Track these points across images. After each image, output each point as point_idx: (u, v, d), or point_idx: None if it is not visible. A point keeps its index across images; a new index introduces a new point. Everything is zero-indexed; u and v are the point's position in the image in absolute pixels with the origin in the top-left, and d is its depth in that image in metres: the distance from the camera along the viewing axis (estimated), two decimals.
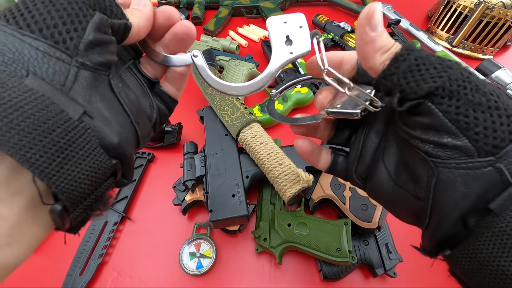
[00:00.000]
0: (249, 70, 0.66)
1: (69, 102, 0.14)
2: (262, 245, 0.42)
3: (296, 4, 0.93)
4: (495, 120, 0.14)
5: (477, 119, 0.14)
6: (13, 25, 0.14)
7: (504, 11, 0.66)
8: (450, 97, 0.15)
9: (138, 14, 0.19)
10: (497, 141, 0.14)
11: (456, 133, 0.15)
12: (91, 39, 0.15)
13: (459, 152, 0.15)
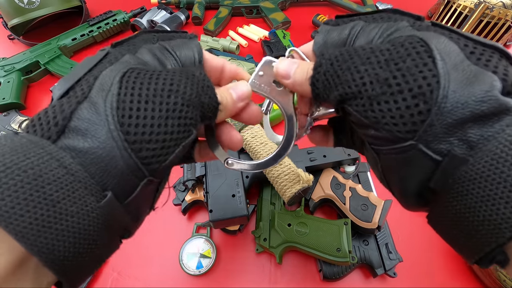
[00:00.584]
0: (249, 70, 0.66)
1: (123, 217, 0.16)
2: (262, 245, 0.42)
3: (296, 4, 0.93)
4: (400, 105, 0.14)
5: (382, 111, 0.15)
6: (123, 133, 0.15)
7: (504, 11, 0.66)
8: (355, 98, 0.16)
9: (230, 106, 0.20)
10: (407, 126, 0.14)
11: (373, 126, 0.16)
12: (169, 164, 0.17)
13: (385, 140, 0.16)
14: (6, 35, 0.84)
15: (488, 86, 0.14)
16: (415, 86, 0.14)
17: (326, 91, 0.17)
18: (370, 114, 0.15)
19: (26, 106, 0.67)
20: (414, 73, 0.14)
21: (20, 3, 0.73)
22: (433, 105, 0.14)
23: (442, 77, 0.14)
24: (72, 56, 0.79)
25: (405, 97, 0.14)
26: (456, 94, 0.14)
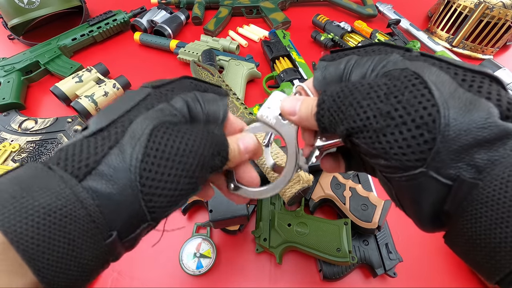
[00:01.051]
0: (249, 70, 0.66)
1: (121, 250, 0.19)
2: (262, 245, 0.42)
3: (296, 4, 0.93)
4: (406, 136, 0.15)
5: (389, 142, 0.16)
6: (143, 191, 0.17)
7: (504, 11, 0.66)
8: (361, 131, 0.17)
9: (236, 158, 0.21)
10: (416, 155, 0.15)
11: (383, 157, 0.16)
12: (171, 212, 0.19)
13: (396, 169, 0.16)
14: (6, 35, 0.84)
15: (485, 113, 0.15)
16: (417, 116, 0.15)
17: (332, 126, 0.19)
18: (377, 146, 0.16)
19: (26, 106, 0.67)
20: (413, 104, 0.15)
21: (20, 3, 0.73)
22: (437, 133, 0.15)
23: (441, 106, 0.15)
24: (72, 56, 0.79)
25: (410, 127, 0.15)
26: (457, 121, 0.15)
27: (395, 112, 0.16)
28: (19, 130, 0.60)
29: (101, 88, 0.62)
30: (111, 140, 0.17)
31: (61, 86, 0.62)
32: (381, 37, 0.72)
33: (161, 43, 0.76)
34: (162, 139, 0.17)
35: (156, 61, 0.77)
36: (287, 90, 0.61)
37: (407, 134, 0.15)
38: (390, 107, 0.16)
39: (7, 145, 0.56)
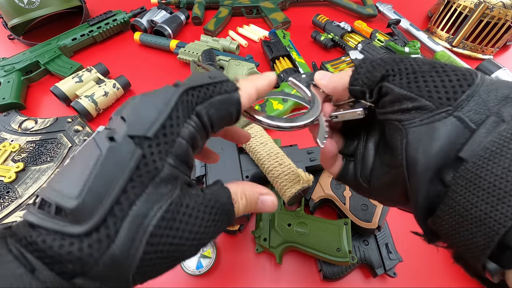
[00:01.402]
0: (249, 70, 0.66)
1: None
2: (262, 245, 0.42)
3: (296, 4, 0.93)
4: (443, 78, 0.16)
5: (426, 81, 0.17)
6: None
7: (504, 11, 0.66)
8: (400, 73, 0.18)
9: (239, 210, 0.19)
10: (449, 94, 0.16)
11: (413, 97, 0.17)
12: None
13: (421, 111, 0.17)
14: (6, 35, 0.84)
15: None
16: (457, 69, 0.17)
17: (368, 74, 0.19)
18: (413, 85, 0.17)
19: (26, 106, 0.67)
20: (456, 66, 0.17)
21: (20, 3, 0.73)
22: (473, 83, 0.16)
23: (479, 73, 0.17)
24: (72, 56, 0.79)
25: (449, 74, 0.16)
26: (491, 81, 0.16)
27: (438, 64, 0.17)
28: (19, 130, 0.60)
29: (101, 88, 0.62)
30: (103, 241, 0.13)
31: (61, 86, 0.62)
32: (381, 37, 0.72)
33: (161, 43, 0.76)
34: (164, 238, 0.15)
35: (156, 61, 0.77)
36: (287, 90, 0.61)
37: (445, 78, 0.16)
38: (434, 63, 0.17)
39: (7, 145, 0.56)
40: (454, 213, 0.15)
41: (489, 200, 0.14)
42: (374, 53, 0.69)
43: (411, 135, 0.17)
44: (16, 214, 0.48)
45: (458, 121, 0.15)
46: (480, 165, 0.14)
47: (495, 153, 0.14)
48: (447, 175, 0.16)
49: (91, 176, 0.14)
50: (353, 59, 0.69)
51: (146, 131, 0.15)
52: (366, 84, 0.19)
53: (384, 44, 0.70)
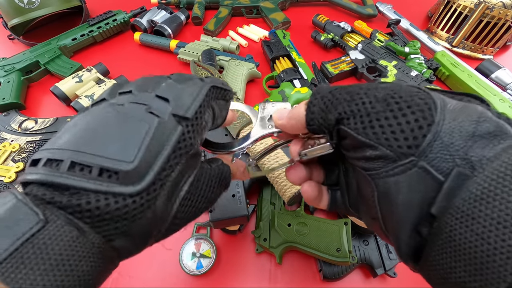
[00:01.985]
0: (249, 70, 0.66)
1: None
2: (262, 245, 0.42)
3: (296, 4, 0.93)
4: (399, 119, 0.15)
5: (382, 126, 0.15)
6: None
7: (504, 11, 0.66)
8: (354, 116, 0.16)
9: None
10: (409, 140, 0.14)
11: (373, 146, 0.15)
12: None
13: (383, 160, 0.15)
14: (6, 35, 0.84)
15: (480, 110, 0.15)
16: (413, 104, 0.15)
17: (322, 114, 0.18)
18: (369, 131, 0.15)
19: (26, 106, 0.67)
20: (411, 95, 0.15)
21: (20, 3, 0.73)
22: (433, 121, 0.14)
23: (437, 100, 0.15)
24: (72, 56, 0.79)
25: (405, 113, 0.15)
26: (453, 114, 0.14)
27: (392, 99, 0.15)
28: (19, 130, 0.60)
29: (101, 88, 0.63)
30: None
31: (61, 86, 0.62)
32: (381, 37, 0.72)
33: (161, 43, 0.76)
34: None
35: (156, 61, 0.77)
36: (287, 90, 0.61)
37: (402, 119, 0.15)
38: (387, 95, 0.16)
39: (7, 145, 0.56)
40: (435, 272, 0.14)
41: (466, 268, 0.12)
42: (374, 53, 0.69)
43: (380, 187, 0.16)
44: None
45: (424, 172, 0.14)
46: (453, 227, 0.13)
47: (467, 214, 0.13)
48: (423, 228, 0.15)
49: (143, 145, 0.15)
50: (353, 59, 0.69)
51: (185, 113, 0.18)
52: (323, 125, 0.18)
53: (384, 44, 0.70)
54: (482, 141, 0.14)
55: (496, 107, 0.57)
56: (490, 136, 0.14)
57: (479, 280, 0.12)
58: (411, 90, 0.16)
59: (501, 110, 0.57)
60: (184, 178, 0.18)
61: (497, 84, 0.64)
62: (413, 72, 0.64)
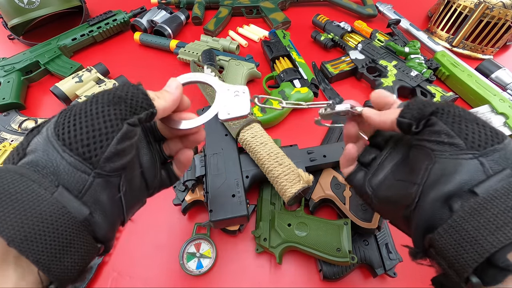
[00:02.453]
0: (249, 70, 0.66)
1: (80, 207, 0.18)
2: (262, 245, 0.42)
3: (296, 4, 0.93)
4: (481, 129, 0.20)
5: (467, 126, 0.20)
6: (60, 140, 0.19)
7: (504, 11, 0.66)
8: (448, 113, 0.21)
9: (167, 96, 0.24)
10: (481, 142, 0.20)
11: (451, 135, 0.20)
12: (109, 154, 0.19)
13: (454, 147, 0.20)
14: (6, 35, 0.84)
15: None
16: (494, 128, 0.20)
17: (419, 110, 0.22)
18: (456, 126, 0.21)
19: (26, 106, 0.67)
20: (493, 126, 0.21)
21: (20, 3, 0.73)
22: (503, 141, 0.20)
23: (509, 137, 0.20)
24: (72, 56, 0.79)
25: (486, 128, 0.20)
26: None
27: (481, 119, 0.21)
28: (19, 130, 0.60)
29: (101, 88, 0.63)
30: (34, 134, 0.20)
31: (61, 86, 0.62)
32: (381, 37, 0.72)
33: (161, 43, 0.76)
34: (70, 109, 0.20)
35: (156, 61, 0.77)
36: (287, 89, 0.61)
37: (482, 130, 0.20)
38: (478, 117, 0.21)
39: (7, 145, 0.56)
40: (455, 233, 0.18)
41: (488, 227, 0.17)
42: (374, 53, 0.69)
43: (438, 163, 0.20)
44: None
45: (480, 165, 0.19)
46: (489, 200, 0.18)
47: (503, 194, 0.17)
48: (455, 203, 0.19)
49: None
50: (353, 59, 0.69)
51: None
52: (416, 117, 0.22)
53: (384, 44, 0.70)
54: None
55: (496, 107, 0.57)
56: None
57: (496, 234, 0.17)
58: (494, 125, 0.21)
59: (501, 110, 0.57)
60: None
61: (497, 84, 0.64)
62: (413, 72, 0.64)
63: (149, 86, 0.22)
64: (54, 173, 0.18)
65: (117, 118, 0.20)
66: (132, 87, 0.22)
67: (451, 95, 0.60)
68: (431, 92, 0.60)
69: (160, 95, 0.23)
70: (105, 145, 0.19)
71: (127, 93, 0.21)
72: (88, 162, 0.19)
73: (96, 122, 0.19)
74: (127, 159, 0.21)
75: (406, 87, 0.63)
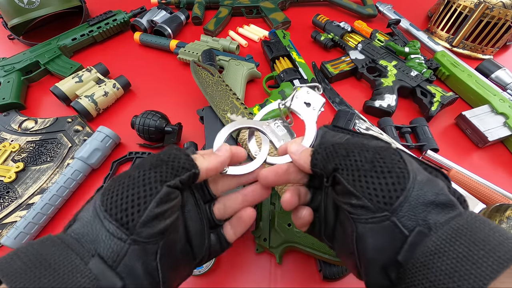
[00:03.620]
0: (249, 70, 0.66)
1: (113, 278, 0.18)
2: (262, 245, 0.42)
3: (296, 4, 0.93)
4: (380, 180, 0.19)
5: (367, 182, 0.19)
6: (103, 206, 0.19)
7: (504, 11, 0.66)
8: (347, 169, 0.20)
9: (212, 157, 0.24)
10: (386, 198, 0.18)
11: (357, 195, 0.19)
12: (146, 218, 0.19)
13: (365, 209, 0.19)
14: (6, 35, 0.84)
15: (441, 185, 0.19)
16: (393, 171, 0.19)
17: (323, 163, 0.22)
18: (357, 184, 0.19)
19: (26, 106, 0.67)
20: (392, 164, 0.19)
21: (20, 3, 0.73)
22: (405, 187, 0.18)
23: (411, 171, 0.19)
24: (72, 56, 0.79)
25: (385, 176, 0.19)
26: (421, 185, 0.19)
27: (377, 163, 0.20)
28: (19, 130, 0.60)
29: (101, 88, 0.63)
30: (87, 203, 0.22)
31: (61, 86, 0.62)
32: (381, 37, 0.72)
33: (161, 43, 0.76)
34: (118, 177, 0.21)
35: (156, 61, 0.77)
36: (287, 89, 0.61)
37: (382, 180, 0.19)
38: (374, 158, 0.20)
39: (7, 145, 0.56)
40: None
41: None
42: (374, 53, 0.69)
43: (359, 229, 0.19)
44: (16, 214, 0.48)
45: (394, 226, 0.18)
46: (413, 274, 0.17)
47: (424, 265, 0.17)
48: (392, 273, 0.18)
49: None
50: (353, 59, 0.69)
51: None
52: (323, 170, 0.22)
53: (384, 44, 0.70)
54: (437, 209, 0.18)
55: (496, 107, 0.57)
56: (444, 206, 0.18)
57: None
58: (393, 158, 0.20)
59: (501, 110, 0.57)
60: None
61: (497, 84, 0.64)
62: (413, 72, 0.64)
63: (149, 86, 0.22)
64: (93, 241, 0.19)
65: (156, 181, 0.20)
66: (175, 149, 0.22)
67: (451, 95, 0.60)
68: (431, 92, 0.60)
69: (206, 156, 0.24)
70: (143, 208, 0.19)
71: (169, 156, 0.21)
72: (124, 227, 0.19)
73: (136, 186, 0.20)
74: (167, 223, 0.20)
75: (406, 87, 0.63)
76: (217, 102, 0.51)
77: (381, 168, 0.19)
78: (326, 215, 0.25)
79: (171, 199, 0.20)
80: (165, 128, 0.54)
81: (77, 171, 0.50)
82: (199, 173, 0.22)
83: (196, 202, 0.25)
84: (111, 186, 0.20)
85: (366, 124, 0.56)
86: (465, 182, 0.48)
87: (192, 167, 0.22)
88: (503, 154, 0.57)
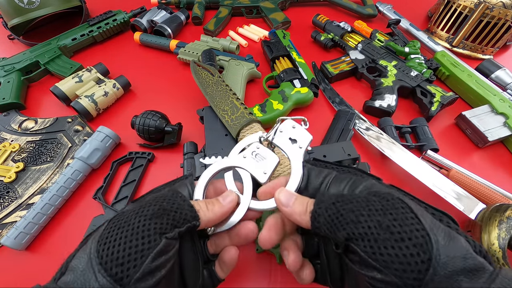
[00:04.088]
0: (249, 70, 0.66)
1: None
2: None
3: (296, 4, 0.93)
4: (405, 253, 0.17)
5: (390, 256, 0.17)
6: (99, 258, 0.18)
7: (504, 11, 0.66)
8: (362, 239, 0.18)
9: (216, 209, 0.23)
10: (415, 273, 0.16)
11: (381, 270, 0.17)
12: (141, 275, 0.18)
13: (392, 285, 0.17)
14: (6, 35, 0.84)
15: (465, 245, 0.17)
16: (412, 236, 0.17)
17: (330, 228, 0.20)
18: (379, 258, 0.17)
19: (26, 106, 0.67)
20: (407, 224, 0.17)
21: (20, 3, 0.73)
22: (431, 257, 0.16)
23: (431, 233, 0.17)
24: (72, 56, 0.79)
25: (407, 245, 0.17)
26: (445, 249, 0.17)
27: (394, 228, 0.17)
28: (19, 130, 0.60)
29: (101, 88, 0.63)
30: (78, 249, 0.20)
31: (61, 86, 0.62)
32: (381, 37, 0.72)
33: (161, 43, 0.76)
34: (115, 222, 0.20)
35: (156, 61, 0.77)
36: (287, 89, 0.61)
37: (406, 251, 0.17)
38: (389, 222, 0.18)
39: (7, 145, 0.56)
40: None
41: None
42: (374, 53, 0.69)
43: None
44: (16, 214, 0.48)
45: None
46: None
47: None
48: None
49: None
50: (353, 59, 0.69)
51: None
52: (331, 236, 0.20)
53: (384, 44, 0.70)
54: (469, 276, 0.16)
55: (496, 107, 0.58)
56: (474, 271, 0.16)
57: None
58: (406, 216, 0.18)
59: (501, 110, 0.57)
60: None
61: (497, 84, 0.64)
62: (413, 72, 0.64)
63: (149, 86, 0.22)
64: None
65: (156, 233, 0.19)
66: (180, 198, 0.22)
67: (451, 95, 0.60)
68: (431, 92, 0.60)
69: (210, 205, 0.23)
70: (139, 263, 0.18)
71: (173, 205, 0.21)
72: (118, 283, 0.18)
73: (135, 238, 0.19)
74: (162, 274, 0.19)
75: (406, 87, 0.63)
76: (217, 102, 0.51)
77: (400, 235, 0.17)
78: (330, 264, 0.23)
79: (168, 250, 0.20)
80: (165, 128, 0.54)
81: (77, 171, 0.50)
82: (199, 225, 0.22)
83: (191, 237, 0.24)
84: (108, 233, 0.19)
85: (366, 124, 0.56)
86: (465, 182, 0.48)
87: (193, 219, 0.21)
88: (503, 154, 0.57)
